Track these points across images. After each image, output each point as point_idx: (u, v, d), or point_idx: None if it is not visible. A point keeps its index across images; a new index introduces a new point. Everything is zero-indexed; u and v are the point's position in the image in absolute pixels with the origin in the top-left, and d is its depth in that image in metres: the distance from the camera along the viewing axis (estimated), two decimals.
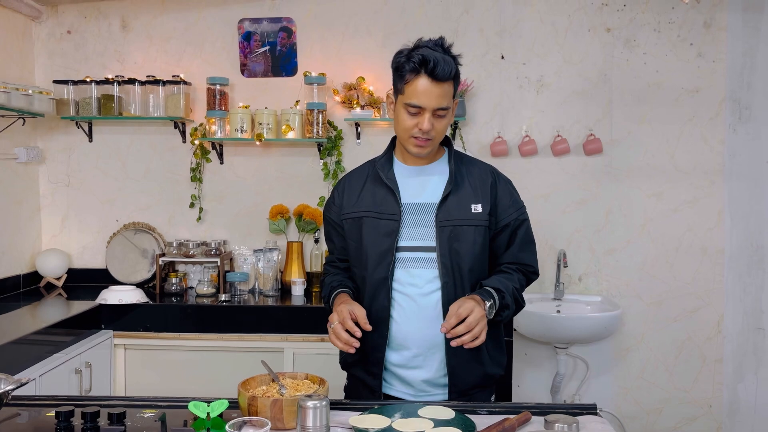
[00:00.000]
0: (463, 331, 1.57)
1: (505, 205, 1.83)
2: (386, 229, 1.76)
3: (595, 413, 1.61)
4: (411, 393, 1.80)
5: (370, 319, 1.70)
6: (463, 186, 1.79)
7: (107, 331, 2.92)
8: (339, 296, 1.79)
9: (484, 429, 1.43)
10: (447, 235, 1.75)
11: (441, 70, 1.64)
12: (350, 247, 1.85)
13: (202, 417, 1.50)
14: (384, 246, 1.75)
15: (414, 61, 1.66)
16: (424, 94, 1.67)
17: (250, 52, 3.39)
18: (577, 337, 3.13)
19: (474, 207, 1.77)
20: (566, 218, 3.36)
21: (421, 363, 1.77)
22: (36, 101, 3.03)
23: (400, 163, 1.84)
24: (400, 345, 1.77)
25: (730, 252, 3.33)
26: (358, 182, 1.85)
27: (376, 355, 1.77)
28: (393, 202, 1.77)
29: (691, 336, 3.35)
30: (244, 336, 2.92)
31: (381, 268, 1.75)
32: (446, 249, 1.74)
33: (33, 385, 2.34)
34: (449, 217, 1.76)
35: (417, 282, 1.75)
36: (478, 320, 1.59)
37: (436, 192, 1.79)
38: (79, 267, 3.48)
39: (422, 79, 1.66)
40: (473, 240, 1.77)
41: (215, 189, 3.45)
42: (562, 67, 3.33)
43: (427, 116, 1.69)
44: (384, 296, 1.75)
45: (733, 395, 3.36)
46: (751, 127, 3.30)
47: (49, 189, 3.48)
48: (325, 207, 1.94)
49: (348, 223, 1.83)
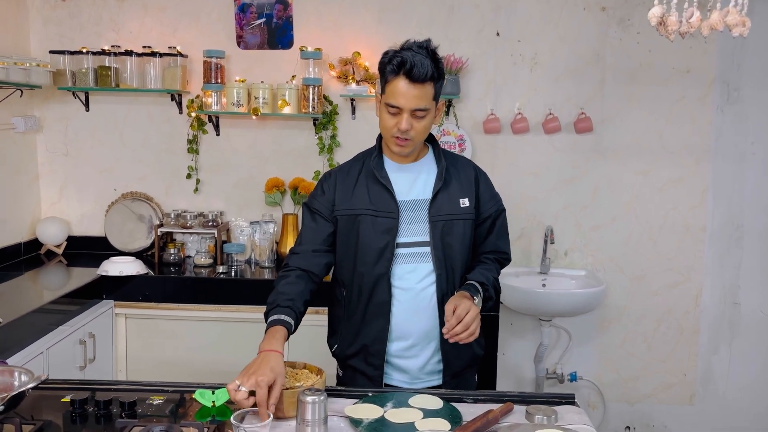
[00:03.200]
0: (461, 330, 1.68)
1: (487, 198, 1.94)
2: (385, 227, 1.83)
3: (574, 403, 1.74)
4: (407, 380, 1.91)
5: (370, 313, 1.82)
6: (451, 182, 1.89)
7: (108, 301, 3.02)
8: (273, 330, 1.67)
9: (469, 421, 1.55)
10: (440, 230, 1.84)
11: (418, 71, 1.70)
12: (342, 244, 1.89)
13: (207, 405, 1.61)
14: (382, 243, 1.83)
15: (394, 63, 1.73)
16: (401, 95, 1.73)
17: (246, 24, 3.39)
18: (561, 312, 3.27)
19: (462, 201, 1.88)
20: (555, 195, 3.45)
21: (417, 352, 1.88)
22: (33, 74, 3.05)
23: (390, 161, 1.91)
24: (399, 336, 1.87)
25: (712, 230, 3.44)
26: (351, 179, 1.90)
27: (377, 347, 1.86)
28: (389, 200, 1.84)
29: (671, 309, 3.49)
30: (241, 307, 3.03)
31: (380, 264, 1.83)
32: (439, 243, 1.84)
33: (41, 358, 2.45)
34: (441, 212, 1.85)
35: (413, 276, 1.85)
36: (474, 318, 1.70)
37: (426, 188, 1.87)
38: (79, 234, 3.56)
39: (400, 81, 1.72)
40: (463, 233, 1.88)
41: (212, 160, 3.50)
42: (556, 45, 3.37)
43: (405, 116, 1.75)
44: (384, 291, 1.84)
45: (707, 365, 3.54)
46: (738, 108, 3.37)
47: (47, 158, 3.52)
48: (310, 198, 1.94)
49: (343, 219, 1.88)
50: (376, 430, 1.52)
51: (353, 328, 1.90)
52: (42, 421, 1.50)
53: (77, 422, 1.54)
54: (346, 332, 1.93)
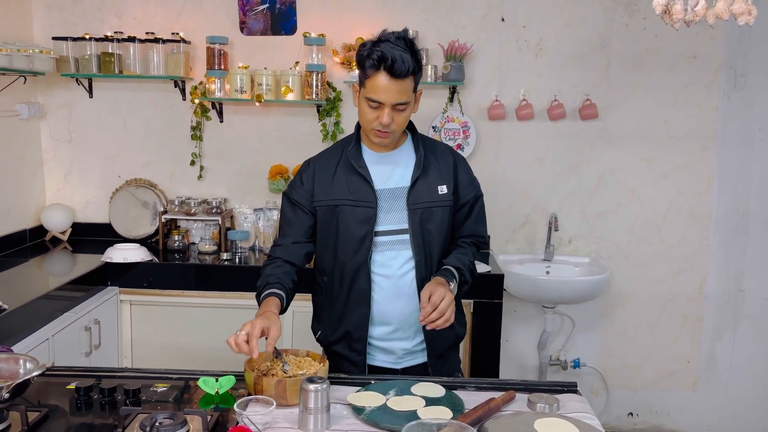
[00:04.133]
0: (436, 317, 1.71)
1: (465, 184, 1.96)
2: (363, 216, 1.84)
3: (576, 391, 1.74)
4: (392, 360, 1.95)
5: (352, 300, 1.86)
6: (429, 169, 1.90)
7: (113, 288, 3.03)
8: (268, 300, 1.77)
9: (471, 409, 1.56)
10: (419, 217, 1.86)
11: (399, 67, 1.70)
12: (322, 233, 1.91)
13: (211, 393, 1.62)
14: (361, 232, 1.84)
15: (373, 57, 1.71)
16: (383, 90, 1.73)
17: (250, 10, 3.37)
18: (565, 299, 3.27)
19: (440, 188, 1.90)
20: (559, 182, 3.44)
21: (401, 335, 1.92)
22: (36, 61, 3.04)
23: (368, 150, 1.91)
24: (382, 321, 1.90)
25: (717, 217, 3.43)
26: (329, 169, 1.90)
27: (359, 333, 1.89)
28: (368, 190, 1.85)
29: (674, 296, 3.49)
30: (245, 294, 3.03)
31: (360, 253, 1.85)
32: (418, 230, 1.86)
33: (47, 345, 2.47)
34: (419, 200, 1.87)
35: (393, 263, 1.87)
36: (449, 305, 1.72)
37: (404, 176, 1.89)
38: (83, 221, 3.56)
39: (381, 76, 1.72)
40: (441, 219, 1.90)
41: (215, 147, 3.50)
42: (561, 31, 3.34)
43: (386, 111, 1.75)
44: (364, 279, 1.86)
45: (710, 352, 3.54)
46: (745, 95, 3.34)
47: (51, 144, 3.53)
48: (290, 189, 1.94)
49: (322, 210, 1.89)
50: (379, 417, 1.53)
51: (336, 315, 1.93)
52: (47, 408, 1.52)
53: (82, 409, 1.56)
54: (329, 319, 1.96)
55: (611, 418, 3.61)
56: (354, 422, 1.53)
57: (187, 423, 1.40)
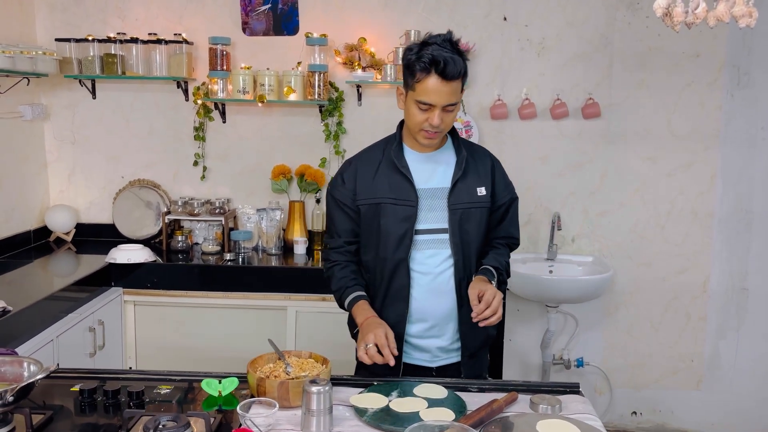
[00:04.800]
0: (490, 314, 1.77)
1: (501, 187, 2.01)
2: (404, 214, 1.88)
3: (578, 392, 1.74)
4: (427, 359, 1.97)
5: (390, 297, 1.90)
6: (469, 171, 1.94)
7: (117, 289, 3.04)
8: (360, 305, 1.87)
9: (473, 411, 1.56)
10: (458, 217, 1.90)
11: (451, 70, 1.73)
12: (365, 231, 1.95)
13: (214, 395, 1.62)
14: (401, 230, 1.88)
15: (424, 60, 1.74)
16: (434, 92, 1.75)
17: (252, 10, 3.38)
18: (568, 298, 3.26)
19: (479, 190, 1.94)
20: (562, 181, 3.43)
21: (437, 333, 1.94)
22: (40, 62, 3.05)
23: (410, 150, 1.94)
24: (418, 318, 1.93)
25: (720, 216, 3.42)
26: (371, 168, 1.94)
27: (396, 330, 1.90)
28: (409, 189, 1.88)
29: (678, 295, 3.49)
30: (248, 295, 3.04)
31: (400, 250, 1.88)
32: (457, 230, 1.90)
33: (51, 346, 2.48)
34: (459, 201, 1.90)
35: (432, 261, 1.90)
36: (500, 303, 1.79)
37: (445, 177, 1.92)
38: (87, 222, 3.58)
39: (432, 79, 1.75)
40: (479, 220, 1.94)
41: (218, 148, 3.50)
42: (564, 30, 3.33)
43: (437, 112, 1.78)
44: (403, 276, 1.89)
45: (714, 351, 3.53)
46: (748, 93, 3.33)
47: (55, 145, 3.54)
48: (333, 188, 1.99)
49: (365, 208, 1.92)
50: (381, 419, 1.53)
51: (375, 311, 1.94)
52: (52, 411, 1.53)
53: (86, 411, 1.57)
54: None
55: (615, 417, 3.61)
56: (356, 424, 1.54)
57: (190, 425, 1.41)
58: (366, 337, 1.73)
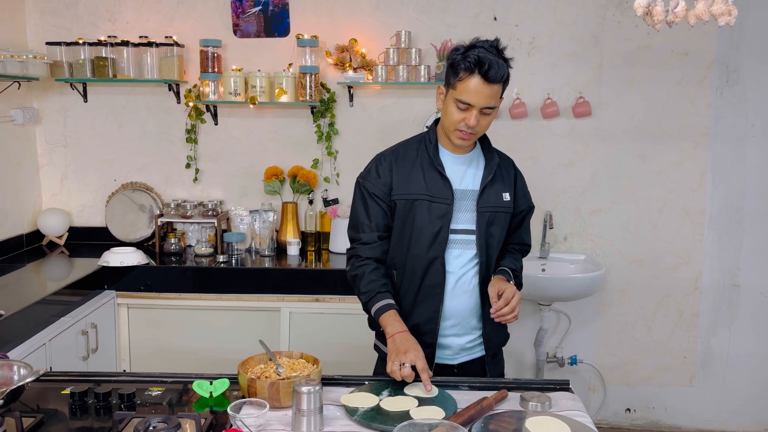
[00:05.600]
0: (508, 311, 1.82)
1: (521, 195, 2.08)
2: (439, 212, 1.91)
3: (568, 389, 1.75)
4: (449, 356, 2.00)
5: (423, 294, 1.93)
6: (497, 176, 1.98)
7: (110, 292, 3.04)
8: (392, 314, 1.84)
9: (463, 409, 1.57)
10: (485, 220, 1.94)
11: (494, 72, 1.77)
12: (398, 227, 1.95)
13: (206, 396, 1.63)
14: (436, 227, 1.90)
15: (470, 60, 1.77)
16: (475, 92, 1.78)
17: (243, 12, 3.38)
18: (561, 296, 3.28)
19: (504, 195, 1.99)
20: (554, 179, 3.45)
21: (459, 331, 1.98)
22: (30, 66, 3.05)
23: (445, 150, 1.97)
24: (446, 316, 1.95)
25: (711, 213, 3.44)
26: (406, 163, 1.96)
27: (430, 327, 1.94)
28: (445, 188, 1.91)
29: (670, 292, 3.50)
30: (241, 296, 3.05)
31: (434, 248, 1.91)
32: (484, 232, 1.94)
33: (44, 350, 2.48)
34: (488, 204, 1.94)
35: (457, 261, 1.94)
36: (518, 301, 1.84)
37: (475, 180, 1.96)
38: (80, 225, 3.58)
39: (475, 79, 1.77)
40: (503, 224, 1.99)
41: (210, 150, 3.51)
42: (554, 29, 3.35)
43: (474, 113, 1.81)
44: (437, 273, 1.92)
45: (707, 347, 3.55)
46: (737, 90, 3.35)
47: (47, 149, 3.54)
48: (365, 181, 1.97)
49: (401, 203, 1.94)
50: (372, 418, 1.54)
51: (404, 309, 1.97)
52: (42, 414, 1.53)
53: (78, 414, 1.57)
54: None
55: (608, 414, 3.62)
56: (347, 423, 1.54)
57: (180, 426, 1.41)
58: (404, 356, 1.70)
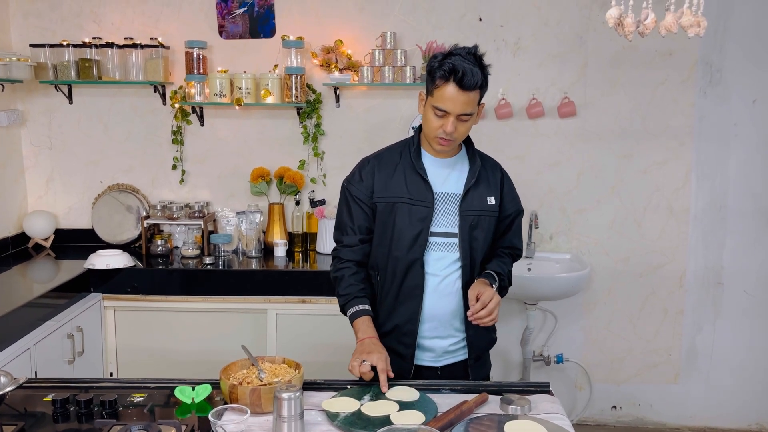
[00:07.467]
0: (485, 315, 1.83)
1: (509, 199, 2.08)
2: (420, 215, 1.93)
3: (548, 392, 1.77)
4: (432, 358, 2.02)
5: (403, 295, 1.95)
6: (481, 180, 1.99)
7: (96, 294, 3.04)
8: (365, 320, 1.91)
9: (443, 413, 1.59)
10: (468, 224, 1.95)
11: (469, 80, 1.78)
12: (379, 229, 1.99)
13: (188, 402, 1.64)
14: (417, 230, 1.93)
15: (444, 68, 1.80)
16: (450, 100, 1.81)
17: (228, 13, 3.38)
18: (547, 295, 3.30)
19: (489, 199, 2.00)
20: (539, 179, 3.47)
21: (442, 333, 2.00)
22: (14, 68, 3.04)
23: (427, 154, 2.00)
24: (426, 318, 1.97)
25: (695, 211, 3.47)
26: (389, 167, 1.99)
27: (409, 327, 1.96)
28: (426, 191, 1.94)
29: (655, 290, 3.53)
30: (228, 298, 3.05)
31: (414, 250, 1.93)
32: (467, 236, 1.95)
33: (28, 354, 2.48)
34: (471, 208, 1.96)
35: (440, 263, 1.96)
36: (496, 305, 1.85)
37: (458, 184, 1.98)
38: (66, 227, 3.57)
39: (450, 87, 1.80)
40: (488, 228, 2.00)
41: (197, 151, 3.51)
42: (539, 30, 3.36)
43: (451, 119, 1.83)
44: (417, 275, 1.94)
45: (691, 344, 3.58)
46: (721, 90, 3.38)
47: (32, 151, 3.52)
48: (349, 185, 2.02)
49: (381, 206, 1.97)
50: (353, 423, 1.55)
51: (386, 310, 2.00)
52: (23, 422, 1.53)
53: (59, 421, 1.57)
54: (378, 314, 2.02)
55: (595, 412, 3.65)
56: (328, 428, 1.55)
57: None
58: (367, 356, 1.76)
